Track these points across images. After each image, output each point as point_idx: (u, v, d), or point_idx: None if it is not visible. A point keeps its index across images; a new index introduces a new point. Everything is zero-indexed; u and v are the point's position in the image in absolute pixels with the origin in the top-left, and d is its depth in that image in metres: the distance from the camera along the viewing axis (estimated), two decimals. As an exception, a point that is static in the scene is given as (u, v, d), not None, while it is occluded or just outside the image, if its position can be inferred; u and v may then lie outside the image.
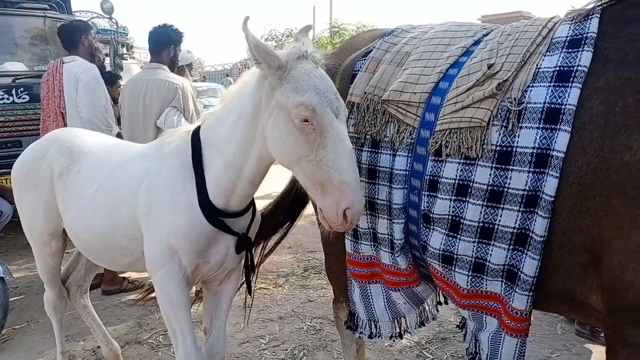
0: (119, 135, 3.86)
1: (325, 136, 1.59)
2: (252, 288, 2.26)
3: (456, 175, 1.67)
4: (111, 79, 5.39)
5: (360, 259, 2.13)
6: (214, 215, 1.90)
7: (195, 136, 1.96)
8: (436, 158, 1.73)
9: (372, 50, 2.11)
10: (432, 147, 1.73)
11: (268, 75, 1.67)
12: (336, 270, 2.37)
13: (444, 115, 1.71)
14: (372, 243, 2.06)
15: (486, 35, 1.85)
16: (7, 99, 4.96)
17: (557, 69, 1.54)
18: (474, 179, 1.63)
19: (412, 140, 1.81)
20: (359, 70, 2.07)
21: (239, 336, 3.49)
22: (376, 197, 1.95)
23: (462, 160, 1.66)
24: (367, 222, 2.03)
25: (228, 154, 1.87)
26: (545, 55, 1.59)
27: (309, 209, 2.55)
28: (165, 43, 3.87)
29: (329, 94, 1.63)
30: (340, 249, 2.20)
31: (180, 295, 1.98)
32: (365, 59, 2.09)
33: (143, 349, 3.36)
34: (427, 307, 2.23)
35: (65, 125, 3.88)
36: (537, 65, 1.59)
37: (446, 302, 2.28)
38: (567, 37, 1.58)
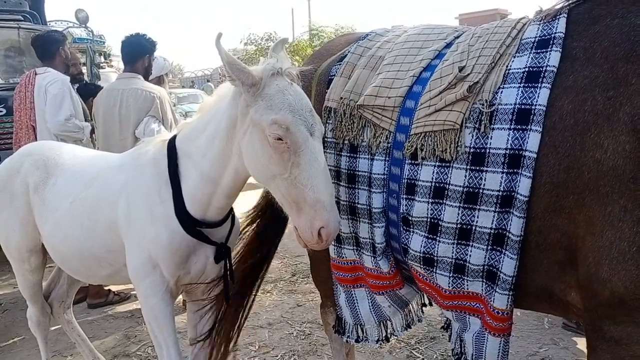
0: (93, 130, 3.84)
1: (299, 155, 1.57)
2: (230, 297, 2.25)
3: (432, 178, 1.68)
4: (95, 91, 5.32)
5: (344, 263, 2.14)
6: (191, 225, 1.90)
7: (171, 146, 1.96)
8: (412, 161, 1.73)
9: (347, 55, 2.11)
10: (408, 151, 1.74)
11: (242, 92, 1.66)
12: (322, 275, 2.37)
13: (418, 118, 1.72)
14: (354, 247, 2.07)
15: (457, 37, 1.86)
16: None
17: (527, 69, 1.56)
18: (449, 181, 1.64)
19: (389, 145, 1.82)
20: (334, 75, 2.08)
21: (228, 344, 3.48)
22: (356, 201, 1.96)
23: (437, 163, 1.67)
24: (349, 226, 2.04)
25: (204, 167, 1.86)
26: (514, 57, 1.61)
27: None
28: (139, 52, 3.83)
29: (303, 112, 1.62)
30: (325, 253, 2.20)
31: (165, 308, 1.98)
32: (340, 64, 2.10)
33: (131, 361, 3.34)
34: (412, 309, 2.24)
35: (35, 138, 3.86)
36: (507, 66, 1.60)
37: (431, 304, 2.29)
38: (535, 37, 1.60)
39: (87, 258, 2.16)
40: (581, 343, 3.24)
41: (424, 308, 2.34)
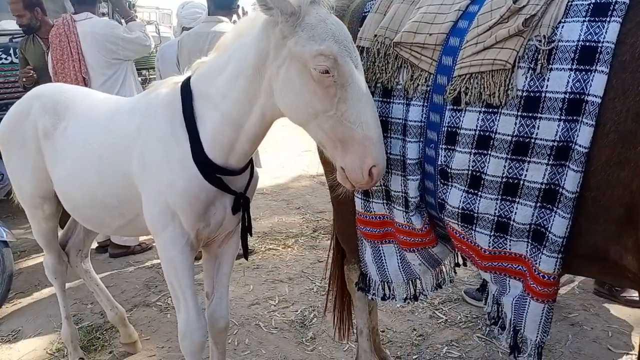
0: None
1: (346, 89, 1.48)
2: (248, 250, 2.17)
3: (477, 126, 1.50)
4: None
5: (372, 218, 2.00)
6: (211, 171, 1.78)
7: (185, 86, 1.83)
8: (455, 107, 1.56)
9: None
10: (450, 95, 1.56)
11: (279, 22, 1.51)
12: (347, 230, 2.25)
13: (463, 58, 1.54)
14: (384, 201, 1.93)
15: (511, -34, 1.65)
16: (6, 59, 4.81)
17: (593, 1, 1.36)
18: (496, 130, 1.47)
19: (428, 88, 1.65)
20: (368, 12, 1.89)
21: (248, 298, 3.46)
22: (389, 151, 1.80)
23: (483, 109, 1.49)
24: None
25: (225, 108, 1.73)
26: None
27: (315, 169, 2.40)
28: (233, 4, 4.00)
29: (347, 43, 1.51)
30: (351, 208, 2.07)
31: (185, 261, 1.91)
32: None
33: (151, 311, 3.36)
34: (444, 268, 2.11)
35: None
36: None
37: (465, 264, 2.16)
38: None
39: (99, 207, 2.08)
40: (613, 310, 3.13)
41: (455, 269, 2.22)
